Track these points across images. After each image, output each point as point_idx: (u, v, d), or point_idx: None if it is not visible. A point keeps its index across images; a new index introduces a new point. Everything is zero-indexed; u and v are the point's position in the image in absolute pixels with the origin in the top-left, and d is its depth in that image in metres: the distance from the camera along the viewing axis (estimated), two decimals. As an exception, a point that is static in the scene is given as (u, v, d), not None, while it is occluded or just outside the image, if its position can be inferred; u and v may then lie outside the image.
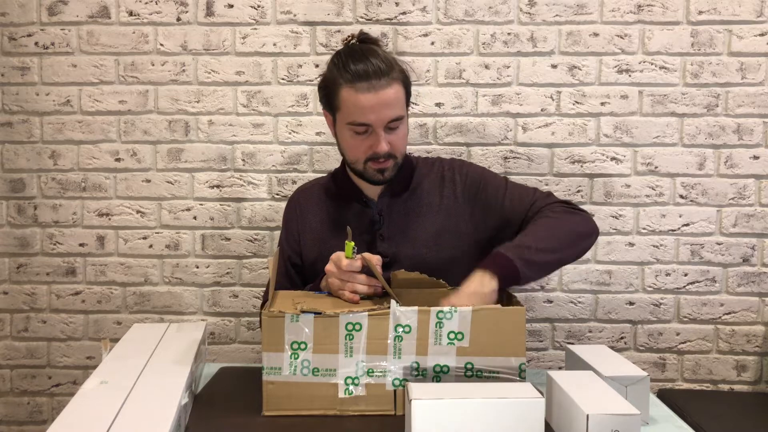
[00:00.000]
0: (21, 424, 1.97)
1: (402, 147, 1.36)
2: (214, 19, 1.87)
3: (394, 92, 1.28)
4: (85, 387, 1.07)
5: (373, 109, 1.27)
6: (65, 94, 1.90)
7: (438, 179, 1.43)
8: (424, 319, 1.07)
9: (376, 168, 1.34)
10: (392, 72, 1.29)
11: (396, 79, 1.30)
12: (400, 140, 1.34)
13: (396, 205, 1.41)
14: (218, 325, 1.94)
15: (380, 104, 1.27)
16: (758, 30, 1.82)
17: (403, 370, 1.07)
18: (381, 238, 1.38)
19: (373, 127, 1.29)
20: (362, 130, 1.30)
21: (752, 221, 1.86)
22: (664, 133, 1.85)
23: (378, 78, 1.26)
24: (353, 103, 1.28)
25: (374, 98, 1.26)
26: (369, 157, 1.32)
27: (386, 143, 1.30)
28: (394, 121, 1.30)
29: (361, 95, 1.26)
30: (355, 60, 1.29)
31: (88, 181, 1.91)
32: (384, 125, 1.29)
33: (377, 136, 1.30)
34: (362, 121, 1.28)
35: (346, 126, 1.32)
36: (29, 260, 1.93)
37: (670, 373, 1.90)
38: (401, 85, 1.31)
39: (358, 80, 1.27)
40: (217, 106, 1.89)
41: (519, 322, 1.07)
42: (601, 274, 1.89)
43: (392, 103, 1.28)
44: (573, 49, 1.84)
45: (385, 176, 1.35)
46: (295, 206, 1.50)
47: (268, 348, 1.07)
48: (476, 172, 1.45)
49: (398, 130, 1.33)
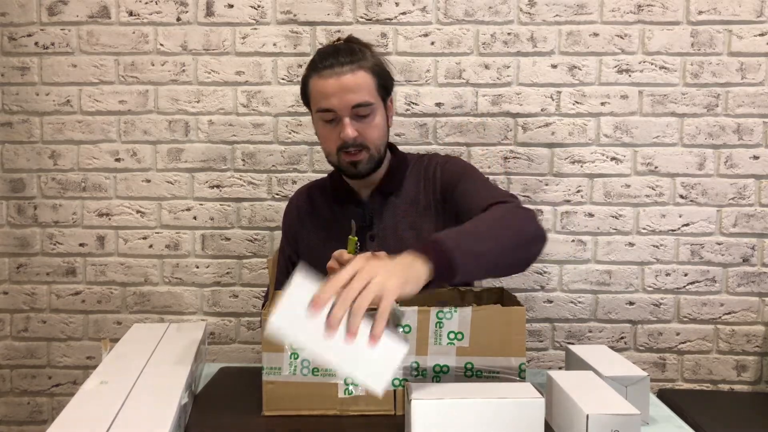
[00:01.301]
0: (21, 424, 1.97)
1: (374, 137, 1.32)
2: (214, 19, 1.87)
3: (358, 77, 1.28)
4: (84, 387, 1.07)
5: (336, 94, 1.28)
6: (65, 94, 1.90)
7: (422, 178, 1.40)
8: (424, 319, 1.07)
9: (348, 159, 1.32)
10: (360, 60, 1.29)
11: (363, 66, 1.29)
12: (371, 130, 1.32)
13: (386, 205, 1.39)
14: (218, 325, 1.94)
15: (342, 89, 1.27)
16: (758, 30, 1.82)
17: (403, 370, 1.07)
18: (371, 238, 1.37)
19: (338, 113, 1.29)
20: (329, 118, 1.30)
21: (752, 221, 1.86)
22: (664, 133, 1.85)
23: (341, 65, 1.28)
24: (318, 90, 1.30)
25: (336, 83, 1.27)
26: (339, 147, 1.32)
27: (352, 129, 1.29)
28: (360, 107, 1.29)
29: (323, 81, 1.28)
30: (324, 55, 1.31)
31: (88, 181, 1.91)
32: (349, 111, 1.29)
33: (343, 123, 1.29)
34: (326, 106, 1.29)
35: (316, 115, 1.33)
36: (29, 260, 1.93)
37: (670, 373, 1.90)
38: (369, 73, 1.30)
39: (323, 69, 1.29)
40: (217, 106, 1.89)
41: (519, 322, 1.07)
42: (601, 274, 1.89)
43: (355, 88, 1.28)
44: (573, 49, 1.84)
45: (358, 169, 1.33)
46: (293, 207, 1.50)
47: (268, 348, 1.07)
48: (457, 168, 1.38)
49: (368, 119, 1.31)
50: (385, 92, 1.34)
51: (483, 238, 1.05)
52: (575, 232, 1.88)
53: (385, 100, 1.36)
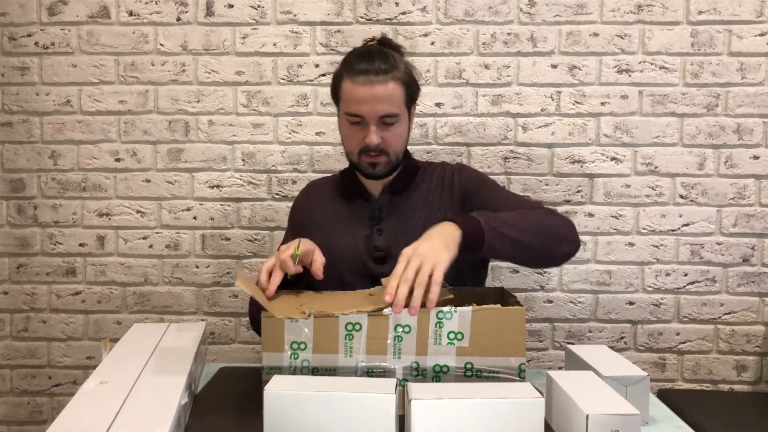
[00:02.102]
0: (21, 424, 1.97)
1: (396, 145, 1.39)
2: (214, 19, 1.87)
3: (389, 89, 1.34)
4: (84, 387, 1.07)
5: (367, 101, 1.33)
6: (65, 94, 1.90)
7: (438, 180, 1.46)
8: (424, 318, 1.07)
9: (369, 161, 1.38)
10: (393, 71, 1.35)
11: (396, 78, 1.35)
12: (394, 138, 1.38)
13: (396, 202, 1.44)
14: (218, 325, 1.94)
15: (374, 98, 1.33)
16: (758, 30, 1.82)
17: (403, 370, 1.07)
18: (378, 232, 1.41)
19: (366, 120, 1.35)
20: (356, 121, 1.36)
21: (752, 221, 1.86)
22: (664, 133, 1.85)
23: (376, 74, 1.33)
24: (350, 95, 1.35)
25: (369, 91, 1.33)
26: (362, 149, 1.37)
27: (377, 136, 1.35)
28: (387, 117, 1.35)
29: (357, 87, 1.33)
30: (360, 57, 1.36)
31: (88, 181, 1.91)
32: (376, 119, 1.34)
33: (369, 128, 1.35)
34: (355, 111, 1.35)
35: (344, 116, 1.38)
36: (29, 260, 1.93)
37: (670, 373, 1.90)
38: (401, 85, 1.36)
39: (358, 74, 1.34)
40: (217, 106, 1.89)
41: (519, 322, 1.07)
42: (601, 274, 1.89)
43: (386, 98, 1.34)
44: (573, 49, 1.84)
45: (376, 170, 1.39)
46: (305, 197, 1.54)
47: (268, 348, 1.07)
48: (476, 175, 1.47)
49: (393, 128, 1.37)
50: (411, 102, 1.41)
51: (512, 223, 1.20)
52: (575, 232, 1.88)
53: (410, 109, 1.42)
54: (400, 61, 1.39)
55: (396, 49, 1.42)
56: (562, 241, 1.29)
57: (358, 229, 1.41)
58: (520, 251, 1.22)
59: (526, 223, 1.23)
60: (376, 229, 1.41)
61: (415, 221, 1.40)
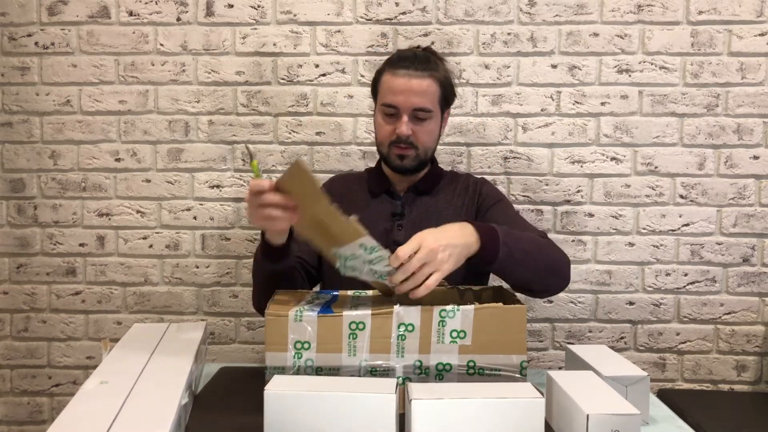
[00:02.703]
0: (21, 424, 1.97)
1: (426, 141, 1.44)
2: (214, 19, 1.87)
3: (425, 84, 1.39)
4: (85, 387, 1.07)
5: (402, 93, 1.39)
6: (65, 94, 1.90)
7: (463, 188, 1.52)
8: (427, 317, 1.07)
9: (398, 153, 1.43)
10: (433, 69, 1.41)
11: (434, 76, 1.41)
12: (425, 134, 1.43)
13: (419, 201, 1.49)
14: (218, 325, 1.94)
15: (410, 90, 1.38)
16: (758, 30, 1.82)
17: (405, 369, 1.08)
18: (399, 227, 1.45)
19: (400, 111, 1.40)
20: (391, 113, 1.41)
21: (752, 221, 1.86)
22: (664, 133, 1.85)
23: (415, 68, 1.39)
24: (388, 86, 1.41)
25: (406, 83, 1.39)
26: (392, 141, 1.43)
27: (408, 127, 1.40)
28: (420, 110, 1.40)
29: (396, 78, 1.40)
30: (402, 56, 1.44)
31: (88, 181, 1.91)
32: (410, 111, 1.40)
33: (401, 120, 1.40)
34: (391, 102, 1.40)
35: (380, 108, 1.44)
36: (29, 260, 1.93)
37: (670, 373, 1.90)
38: (437, 83, 1.42)
39: (399, 67, 1.40)
40: (217, 106, 1.89)
41: (520, 321, 1.07)
42: (601, 274, 1.89)
43: (421, 93, 1.39)
44: (573, 49, 1.84)
45: (404, 163, 1.44)
46: (327, 187, 1.57)
47: (271, 347, 1.07)
48: (496, 192, 1.53)
49: (425, 123, 1.42)
50: (445, 103, 1.47)
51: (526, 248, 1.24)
52: (575, 232, 1.88)
53: (443, 111, 1.47)
54: (441, 65, 1.45)
55: (440, 59, 1.48)
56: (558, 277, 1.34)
57: (380, 222, 1.45)
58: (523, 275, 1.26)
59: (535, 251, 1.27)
60: (397, 224, 1.45)
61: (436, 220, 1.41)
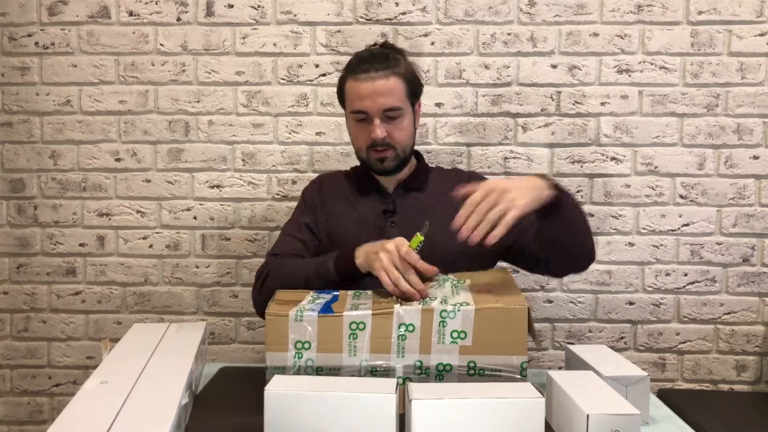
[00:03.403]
0: (21, 424, 1.97)
1: (402, 139, 1.42)
2: (214, 19, 1.87)
3: (390, 83, 1.37)
4: (85, 387, 1.07)
5: (369, 97, 1.37)
6: (65, 94, 1.90)
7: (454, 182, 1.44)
8: (428, 318, 1.07)
9: (376, 156, 1.42)
10: (394, 67, 1.39)
11: (396, 73, 1.38)
12: (399, 132, 1.41)
13: (409, 198, 1.47)
14: (218, 325, 1.94)
15: (375, 92, 1.36)
16: (758, 30, 1.82)
17: (406, 369, 1.08)
18: (392, 225, 1.43)
19: (369, 115, 1.38)
20: (361, 118, 1.40)
21: (752, 221, 1.86)
22: (664, 133, 1.85)
23: (377, 70, 1.37)
24: (353, 92, 1.39)
25: (370, 87, 1.36)
26: (369, 145, 1.41)
27: (382, 130, 1.38)
28: (391, 110, 1.38)
29: (359, 84, 1.38)
30: (361, 59, 1.41)
31: (88, 181, 1.91)
32: (380, 113, 1.38)
33: (374, 124, 1.38)
34: (359, 108, 1.39)
35: (350, 116, 1.42)
36: (29, 260, 1.93)
37: (670, 373, 1.90)
38: (401, 79, 1.39)
39: (359, 71, 1.38)
40: (217, 106, 1.89)
41: (521, 322, 1.07)
42: (601, 274, 1.89)
43: (387, 92, 1.37)
44: (573, 49, 1.84)
45: (384, 165, 1.42)
46: (318, 185, 1.56)
47: (272, 347, 1.07)
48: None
49: (397, 122, 1.40)
50: (414, 97, 1.44)
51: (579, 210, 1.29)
52: (575, 232, 1.88)
53: (414, 105, 1.45)
54: (401, 59, 1.42)
55: (399, 52, 1.45)
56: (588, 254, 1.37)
57: (372, 221, 1.44)
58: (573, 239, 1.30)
59: (584, 219, 1.32)
60: (390, 222, 1.44)
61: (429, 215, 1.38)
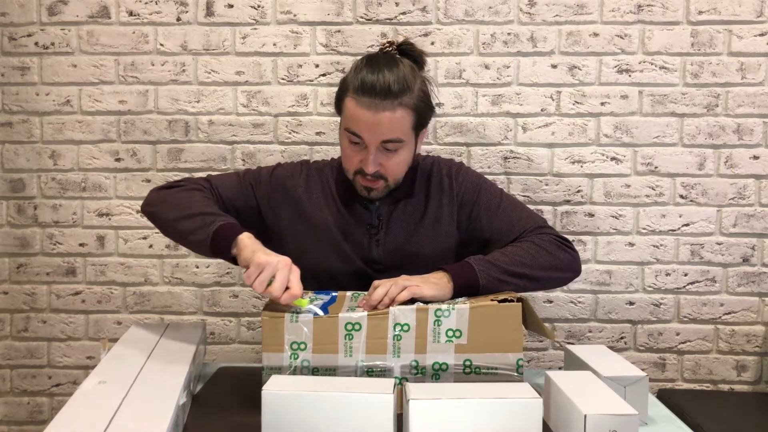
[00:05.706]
0: (21, 424, 1.97)
1: (397, 172, 1.31)
2: (214, 19, 1.87)
3: (395, 116, 1.24)
4: (83, 387, 1.07)
5: (368, 126, 1.24)
6: (65, 94, 1.90)
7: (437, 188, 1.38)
8: (423, 317, 1.07)
9: (364, 184, 1.31)
10: (402, 95, 1.23)
11: (404, 104, 1.24)
12: (395, 165, 1.29)
13: (396, 212, 1.36)
14: (218, 325, 1.94)
15: (376, 124, 1.23)
16: (758, 30, 1.82)
17: (402, 369, 1.08)
18: (377, 244, 1.35)
19: (365, 143, 1.26)
20: (356, 140, 1.27)
21: (752, 221, 1.86)
22: (664, 133, 1.85)
23: (383, 98, 1.22)
24: (352, 114, 1.26)
25: (371, 116, 1.23)
26: (358, 171, 1.30)
27: (375, 164, 1.27)
28: (390, 142, 1.26)
29: (359, 109, 1.24)
30: (370, 69, 1.24)
31: (88, 181, 1.92)
32: (377, 144, 1.25)
33: (368, 154, 1.26)
34: (356, 131, 1.26)
35: (344, 131, 1.30)
36: (29, 260, 1.94)
37: (670, 373, 1.90)
38: (409, 111, 1.25)
39: (363, 93, 1.23)
40: (217, 106, 1.89)
41: (515, 319, 1.07)
42: (601, 274, 1.89)
43: (389, 125, 1.24)
44: (573, 49, 1.84)
45: (371, 195, 1.32)
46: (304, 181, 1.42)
47: (268, 348, 1.07)
48: (472, 182, 1.39)
49: (395, 154, 1.28)
50: (420, 127, 1.31)
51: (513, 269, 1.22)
52: (575, 232, 1.88)
53: (418, 134, 1.32)
54: (414, 80, 1.26)
55: (417, 58, 1.32)
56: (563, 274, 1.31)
57: (354, 234, 1.35)
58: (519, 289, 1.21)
59: (527, 264, 1.23)
60: (375, 240, 1.35)
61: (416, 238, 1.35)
